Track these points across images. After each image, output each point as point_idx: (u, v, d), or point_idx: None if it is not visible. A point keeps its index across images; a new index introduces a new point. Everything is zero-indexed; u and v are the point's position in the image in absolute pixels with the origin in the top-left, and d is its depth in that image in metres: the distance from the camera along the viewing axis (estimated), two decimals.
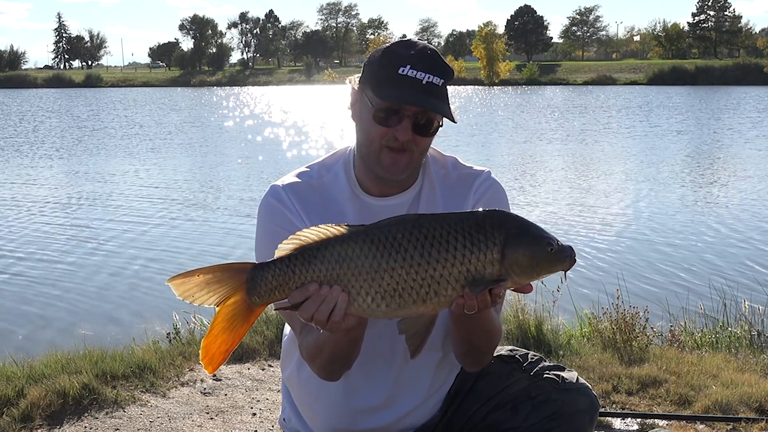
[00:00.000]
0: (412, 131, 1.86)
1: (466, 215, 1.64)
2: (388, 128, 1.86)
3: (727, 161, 18.81)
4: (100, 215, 11.99)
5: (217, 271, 1.65)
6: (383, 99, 1.84)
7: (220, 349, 1.67)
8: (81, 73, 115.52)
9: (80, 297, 7.49)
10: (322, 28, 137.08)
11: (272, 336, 4.30)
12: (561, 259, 1.62)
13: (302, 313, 1.64)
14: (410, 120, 1.85)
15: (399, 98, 1.83)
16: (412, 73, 1.82)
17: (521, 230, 1.62)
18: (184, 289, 1.65)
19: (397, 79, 1.83)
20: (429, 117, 1.87)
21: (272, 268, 1.64)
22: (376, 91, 1.86)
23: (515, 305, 4.57)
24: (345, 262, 1.61)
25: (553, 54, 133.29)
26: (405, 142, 1.86)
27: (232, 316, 1.66)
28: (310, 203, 2.00)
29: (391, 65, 1.85)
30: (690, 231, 10.39)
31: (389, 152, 1.88)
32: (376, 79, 1.87)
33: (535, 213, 11.65)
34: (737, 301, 5.74)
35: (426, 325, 1.68)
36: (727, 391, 3.57)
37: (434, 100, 1.84)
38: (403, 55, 1.85)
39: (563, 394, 2.03)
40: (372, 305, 1.62)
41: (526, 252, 1.60)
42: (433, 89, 1.84)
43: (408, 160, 1.90)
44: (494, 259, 1.60)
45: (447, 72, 1.87)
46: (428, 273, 1.59)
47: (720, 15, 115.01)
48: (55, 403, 3.40)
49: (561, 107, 44.09)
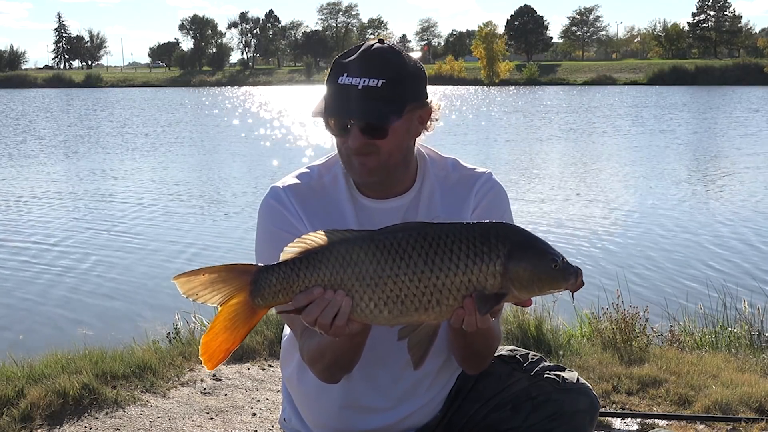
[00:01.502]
0: (366, 136, 1.85)
1: (472, 225, 1.63)
2: (343, 138, 1.89)
3: (728, 161, 18.80)
4: (100, 215, 11.98)
5: (222, 271, 1.66)
6: (326, 111, 1.88)
7: (220, 347, 1.67)
8: (81, 73, 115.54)
9: (80, 297, 7.49)
10: (322, 28, 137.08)
11: (272, 336, 4.30)
12: (565, 277, 1.60)
13: (306, 317, 1.64)
14: (357, 127, 1.85)
15: (330, 111, 1.87)
16: (348, 81, 1.83)
17: (526, 244, 1.61)
18: (189, 287, 1.65)
19: (337, 91, 1.85)
20: (375, 120, 1.85)
21: (277, 270, 1.64)
22: (324, 104, 1.89)
23: (515, 305, 4.56)
24: (349, 267, 1.61)
25: (553, 54, 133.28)
26: (361, 147, 1.86)
27: (234, 316, 1.66)
28: (310, 205, 2.00)
29: (333, 76, 1.87)
30: (690, 231, 10.38)
31: (356, 157, 1.89)
32: (326, 92, 1.90)
33: (534, 213, 11.66)
34: (737, 301, 5.74)
35: (428, 336, 1.68)
36: (727, 391, 3.57)
37: (371, 102, 1.81)
38: (343, 64, 1.86)
39: (563, 394, 2.03)
40: (374, 311, 1.62)
41: (529, 266, 1.59)
42: (370, 92, 1.81)
43: (376, 162, 1.88)
44: (496, 272, 1.59)
45: (387, 69, 1.83)
46: (431, 281, 1.59)
47: (720, 15, 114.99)
48: (55, 403, 3.40)
49: (561, 107, 44.08)
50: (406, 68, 1.87)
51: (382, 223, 1.75)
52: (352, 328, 1.65)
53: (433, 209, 2.01)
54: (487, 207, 2.01)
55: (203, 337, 1.68)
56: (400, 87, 1.84)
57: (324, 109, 1.89)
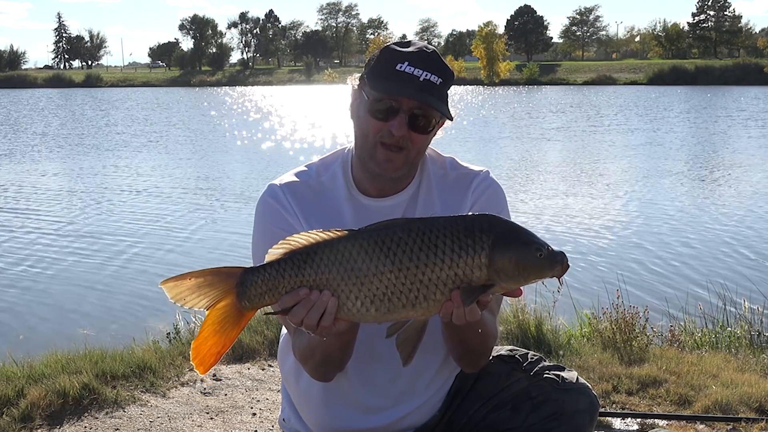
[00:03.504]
0: (408, 127, 1.85)
1: (456, 219, 1.63)
2: (384, 123, 1.85)
3: (728, 161, 18.79)
4: (100, 215, 11.97)
5: (208, 274, 1.66)
6: (379, 91, 1.84)
7: (211, 351, 1.67)
8: (81, 73, 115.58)
9: (81, 297, 7.49)
10: (322, 28, 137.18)
11: (272, 336, 4.30)
12: (550, 265, 1.60)
13: (292, 318, 1.64)
14: (406, 115, 1.84)
15: (394, 91, 1.83)
16: (410, 70, 1.82)
17: (510, 235, 1.60)
18: (177, 292, 1.65)
19: (394, 75, 1.83)
20: (425, 114, 1.86)
21: (262, 272, 1.63)
22: (372, 86, 1.86)
23: (515, 305, 4.57)
24: (334, 267, 1.60)
25: (553, 54, 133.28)
26: (400, 139, 1.85)
27: (222, 320, 1.67)
28: (307, 203, 1.99)
29: (389, 61, 1.85)
30: (690, 231, 10.38)
31: (384, 149, 1.87)
32: (374, 75, 1.87)
33: (534, 213, 11.66)
34: (737, 301, 5.74)
35: (417, 332, 1.68)
36: (727, 391, 3.57)
37: (430, 97, 1.83)
38: (402, 53, 1.85)
39: (563, 394, 2.03)
40: (361, 309, 1.62)
41: (514, 257, 1.58)
42: (430, 87, 1.83)
43: (404, 158, 1.89)
44: (482, 264, 1.58)
45: (446, 72, 1.87)
46: (417, 277, 1.58)
47: (720, 15, 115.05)
48: (55, 403, 3.40)
49: (561, 107, 44.06)
50: (453, 76, 1.91)
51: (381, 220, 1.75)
52: (339, 327, 1.65)
53: (431, 207, 2.01)
54: (484, 205, 2.01)
55: (193, 342, 1.68)
56: (447, 90, 1.89)
57: (372, 87, 1.85)
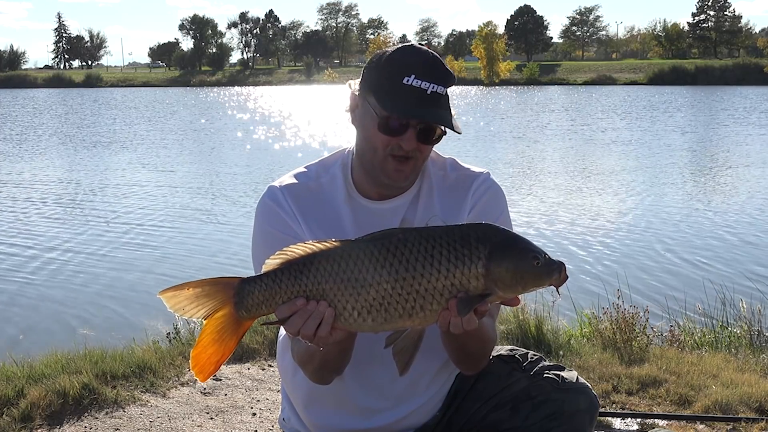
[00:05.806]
0: (417, 140, 1.86)
1: (453, 228, 1.62)
2: (393, 137, 1.86)
3: (728, 161, 18.80)
4: (101, 215, 11.98)
5: (206, 285, 1.66)
6: (389, 111, 1.83)
7: (210, 360, 1.68)
8: (81, 73, 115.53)
9: (81, 297, 7.49)
10: (322, 28, 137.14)
11: (272, 336, 4.30)
12: (548, 274, 1.59)
13: (289, 328, 1.64)
14: (415, 130, 1.85)
15: (405, 112, 1.82)
16: (417, 83, 1.81)
17: (507, 244, 1.60)
18: (175, 302, 1.67)
19: (402, 90, 1.82)
20: (433, 126, 1.87)
21: (259, 282, 1.64)
22: (380, 101, 1.84)
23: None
24: (331, 277, 1.60)
25: (553, 54, 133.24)
26: (409, 151, 1.86)
27: (221, 329, 1.67)
28: (306, 205, 1.99)
29: (395, 74, 1.83)
30: (690, 231, 10.39)
31: (393, 160, 1.88)
32: (381, 88, 1.85)
33: (533, 213, 11.66)
34: (737, 301, 5.74)
35: (413, 342, 1.68)
36: (727, 391, 3.57)
37: (439, 110, 1.84)
38: (408, 64, 1.83)
39: (563, 394, 2.03)
40: (358, 319, 1.62)
41: (511, 266, 1.58)
42: (437, 99, 1.83)
43: (412, 167, 1.91)
44: (478, 274, 1.58)
45: (450, 79, 1.87)
46: (413, 287, 1.58)
47: (720, 15, 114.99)
48: (55, 403, 3.40)
49: (561, 107, 44.06)
50: (455, 79, 1.91)
51: (381, 223, 1.75)
52: (335, 336, 1.65)
53: (431, 209, 2.01)
54: (484, 207, 2.01)
55: (192, 351, 1.69)
56: (449, 97, 1.89)
57: (380, 102, 1.84)
